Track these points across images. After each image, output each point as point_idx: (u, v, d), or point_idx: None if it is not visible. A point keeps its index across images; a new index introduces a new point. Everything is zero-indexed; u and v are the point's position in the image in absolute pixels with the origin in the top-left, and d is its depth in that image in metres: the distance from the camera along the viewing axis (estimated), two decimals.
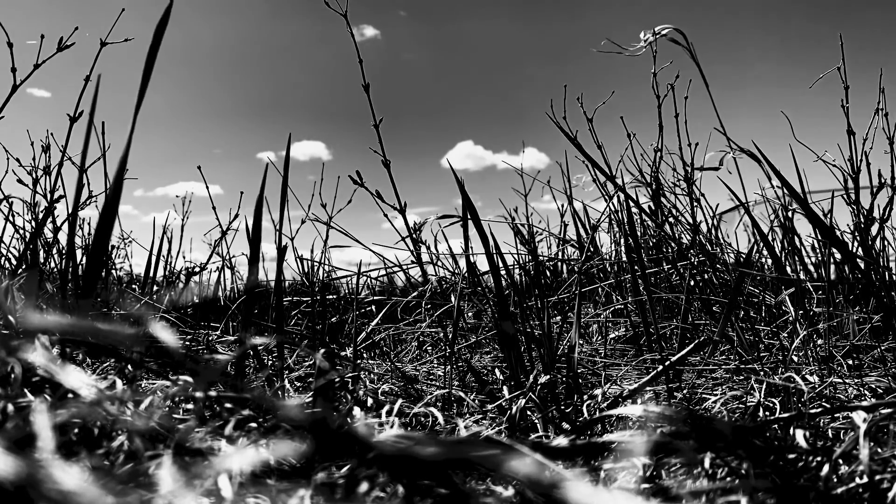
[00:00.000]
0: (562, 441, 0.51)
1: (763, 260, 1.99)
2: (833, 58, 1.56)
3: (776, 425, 0.69)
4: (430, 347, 1.72)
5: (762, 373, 1.11)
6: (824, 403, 0.95)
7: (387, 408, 0.77)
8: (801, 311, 1.37)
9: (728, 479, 0.55)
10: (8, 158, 1.98)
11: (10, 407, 0.50)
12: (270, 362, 1.28)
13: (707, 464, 0.56)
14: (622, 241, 2.05)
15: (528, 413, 0.91)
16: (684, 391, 1.06)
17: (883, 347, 1.25)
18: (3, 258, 2.01)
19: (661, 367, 1.01)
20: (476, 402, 1.03)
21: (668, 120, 2.01)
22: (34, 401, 0.50)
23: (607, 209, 2.11)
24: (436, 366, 1.44)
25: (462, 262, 1.89)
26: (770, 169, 1.41)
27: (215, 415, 0.59)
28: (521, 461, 0.37)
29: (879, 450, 0.61)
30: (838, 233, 1.60)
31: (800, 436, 0.62)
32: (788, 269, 1.76)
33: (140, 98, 0.79)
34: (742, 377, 1.12)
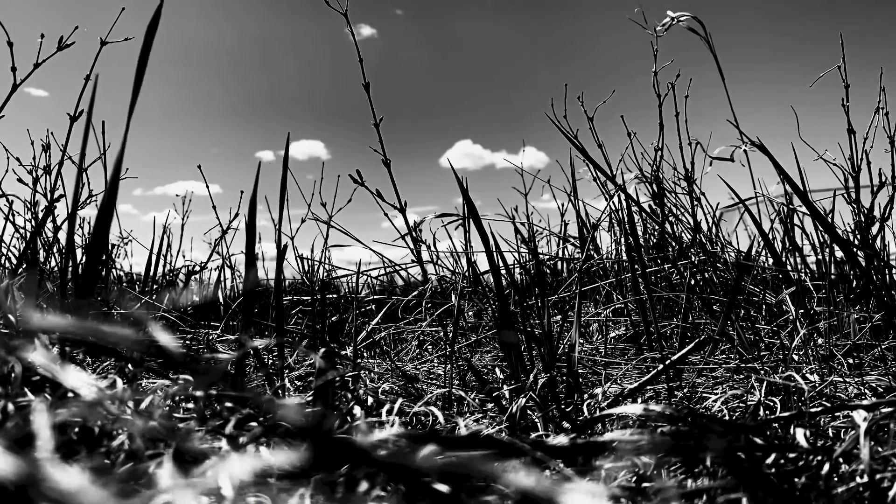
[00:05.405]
0: (562, 440, 0.50)
1: (763, 258, 1.99)
2: (833, 56, 1.56)
3: (777, 424, 0.68)
4: (430, 346, 1.72)
5: (762, 372, 1.11)
6: (825, 402, 0.95)
7: (387, 407, 0.77)
8: (801, 310, 1.37)
9: (729, 477, 0.55)
10: (8, 157, 1.98)
11: (10, 406, 0.50)
12: (271, 361, 1.28)
13: (708, 463, 0.56)
14: (622, 239, 2.05)
15: (529, 412, 0.91)
16: (685, 390, 1.06)
17: (883, 346, 1.25)
18: (4, 257, 2.01)
19: (661, 366, 1.01)
20: (476, 400, 1.03)
21: (668, 119, 2.01)
22: (34, 400, 0.50)
23: (607, 208, 2.11)
24: (436, 365, 1.44)
25: (462, 261, 1.89)
26: (773, 165, 1.41)
27: (215, 414, 0.59)
28: (518, 475, 0.37)
29: (880, 448, 0.61)
30: (839, 231, 1.60)
31: (800, 435, 0.62)
32: (789, 266, 1.76)
33: (133, 100, 0.79)
34: (742, 376, 1.12)
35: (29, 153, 2.23)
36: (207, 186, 2.43)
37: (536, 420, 0.89)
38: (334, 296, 2.06)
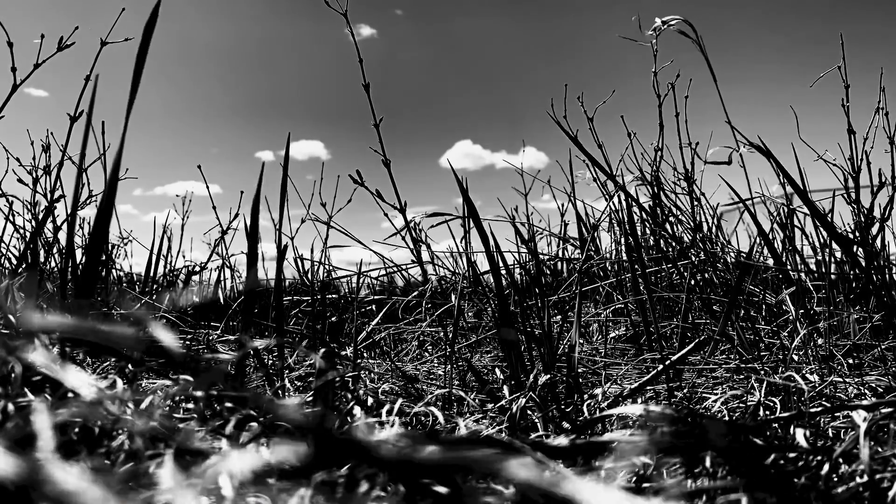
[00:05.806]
0: (562, 440, 0.51)
1: (763, 259, 1.99)
2: (833, 56, 1.56)
3: (776, 424, 0.69)
4: (430, 347, 1.72)
5: (762, 372, 1.11)
6: (825, 402, 0.95)
7: (387, 407, 0.77)
8: (801, 311, 1.37)
9: (729, 478, 0.55)
10: (8, 158, 1.98)
11: (11, 406, 0.50)
12: (270, 362, 1.28)
13: (708, 463, 0.56)
14: (622, 240, 2.05)
15: (529, 412, 0.91)
16: (685, 390, 1.06)
17: (883, 346, 1.25)
18: (4, 258, 2.01)
19: (661, 367, 1.01)
20: (476, 401, 1.03)
21: (668, 119, 2.01)
22: (34, 400, 0.50)
23: (608, 208, 2.11)
24: (436, 365, 1.44)
25: (462, 262, 1.89)
26: (774, 165, 1.42)
27: (216, 414, 0.59)
28: (520, 465, 0.37)
29: (880, 449, 0.61)
30: (839, 231, 1.59)
31: (800, 435, 0.62)
32: (788, 266, 1.76)
33: (131, 100, 0.79)
34: (742, 376, 1.12)
35: (29, 153, 2.23)
36: (207, 186, 2.43)
37: (536, 420, 0.89)
38: (334, 296, 2.06)
